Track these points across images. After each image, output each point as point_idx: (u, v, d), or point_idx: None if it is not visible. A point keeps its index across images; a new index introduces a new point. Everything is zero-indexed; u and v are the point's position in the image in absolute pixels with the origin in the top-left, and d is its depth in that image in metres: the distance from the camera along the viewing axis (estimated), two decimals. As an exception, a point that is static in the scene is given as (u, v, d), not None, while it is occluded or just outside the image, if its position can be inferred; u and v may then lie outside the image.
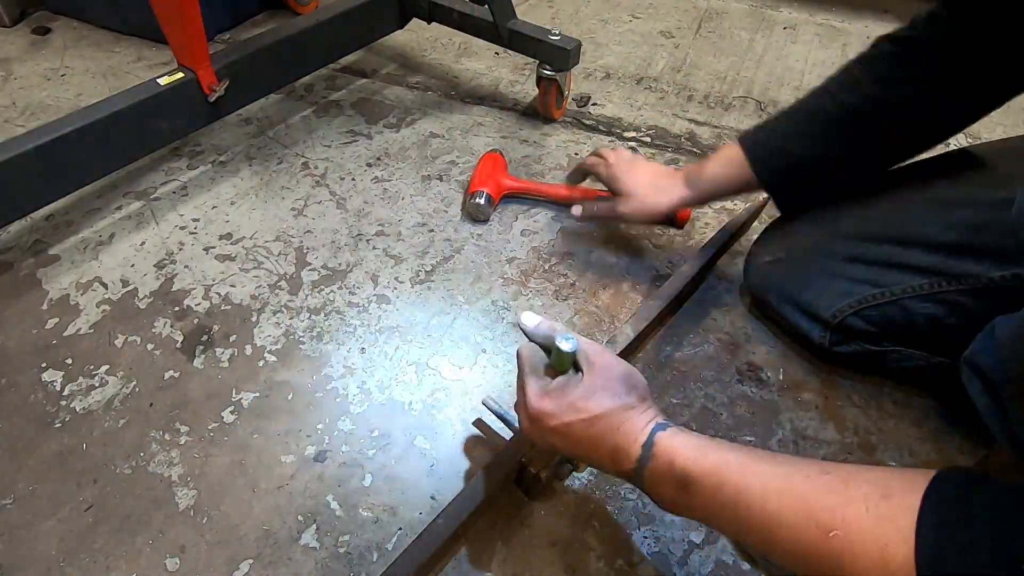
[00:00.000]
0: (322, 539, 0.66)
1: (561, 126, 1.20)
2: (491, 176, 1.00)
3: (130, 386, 0.78)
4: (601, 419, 0.51)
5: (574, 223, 1.00)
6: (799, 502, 0.40)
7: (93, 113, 0.88)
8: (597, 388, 0.52)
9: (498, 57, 1.39)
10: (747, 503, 0.43)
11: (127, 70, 1.33)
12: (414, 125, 1.20)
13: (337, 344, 0.83)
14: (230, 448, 0.73)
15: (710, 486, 0.45)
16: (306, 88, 1.29)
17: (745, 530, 0.43)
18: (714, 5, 1.60)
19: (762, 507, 0.42)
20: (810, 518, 0.39)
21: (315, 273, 0.92)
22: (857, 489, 0.39)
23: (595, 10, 1.57)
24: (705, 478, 0.45)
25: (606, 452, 0.51)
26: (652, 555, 0.65)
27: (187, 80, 0.95)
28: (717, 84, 1.32)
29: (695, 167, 0.82)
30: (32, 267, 0.93)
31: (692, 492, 0.46)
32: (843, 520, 0.38)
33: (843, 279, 0.73)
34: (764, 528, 0.42)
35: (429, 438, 0.74)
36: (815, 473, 0.41)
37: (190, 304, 0.88)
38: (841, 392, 0.79)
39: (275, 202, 1.03)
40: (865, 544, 0.36)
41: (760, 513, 0.42)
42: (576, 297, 0.90)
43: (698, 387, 0.79)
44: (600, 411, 0.51)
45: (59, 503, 0.68)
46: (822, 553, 0.38)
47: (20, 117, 1.20)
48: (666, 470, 0.48)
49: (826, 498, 0.39)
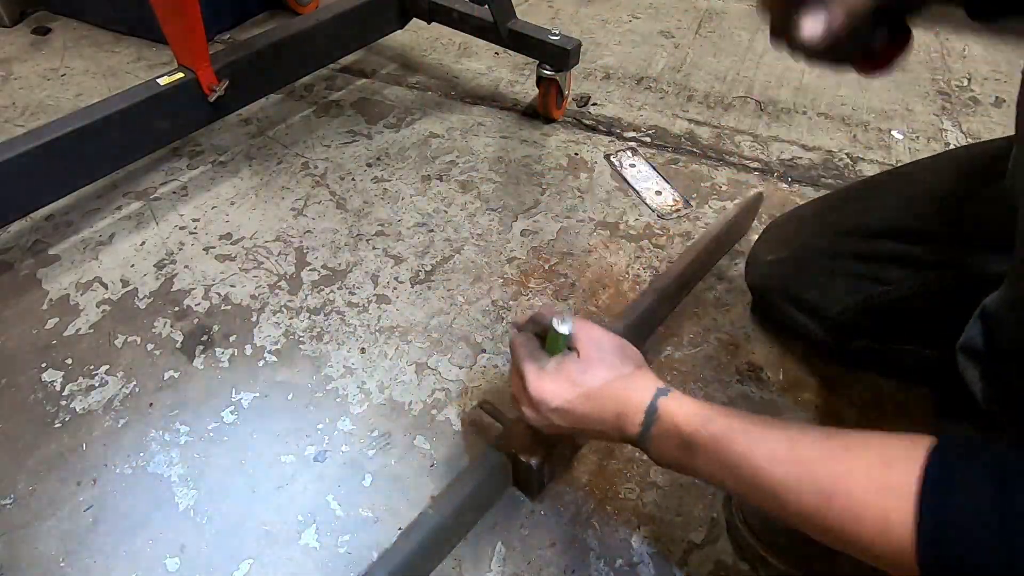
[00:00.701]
0: (322, 539, 0.66)
1: (561, 126, 1.20)
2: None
3: (130, 386, 0.78)
4: (601, 390, 0.53)
5: (573, 223, 1.00)
6: (802, 467, 0.41)
7: (93, 113, 0.88)
8: (593, 361, 0.54)
9: (498, 57, 1.39)
10: (751, 466, 0.43)
11: (127, 70, 1.33)
12: (414, 125, 1.20)
13: (337, 344, 0.83)
14: (230, 448, 0.73)
15: (715, 450, 0.46)
16: (306, 88, 1.29)
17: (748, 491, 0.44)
18: (714, 5, 1.60)
19: (768, 471, 0.42)
20: (813, 484, 0.40)
21: (315, 273, 0.92)
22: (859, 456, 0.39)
23: (595, 10, 1.57)
24: (711, 442, 0.46)
25: (610, 421, 0.53)
26: (652, 555, 0.65)
27: (187, 80, 0.95)
28: (717, 84, 1.32)
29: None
30: (32, 267, 0.93)
31: (696, 454, 0.47)
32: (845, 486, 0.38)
33: (848, 277, 0.73)
34: (768, 491, 0.42)
35: (429, 438, 0.74)
36: (818, 439, 0.42)
37: (190, 304, 0.88)
38: (841, 392, 0.79)
39: (275, 202, 1.03)
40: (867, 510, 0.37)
41: (765, 477, 0.42)
42: (576, 297, 0.90)
43: (698, 387, 0.79)
44: (599, 383, 0.53)
45: (59, 503, 0.68)
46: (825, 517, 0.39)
47: (20, 117, 1.20)
48: (670, 434, 0.49)
49: (828, 464, 0.40)
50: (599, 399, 0.53)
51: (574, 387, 0.54)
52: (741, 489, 0.45)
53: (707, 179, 1.09)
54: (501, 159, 1.12)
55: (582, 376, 0.54)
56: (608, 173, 1.10)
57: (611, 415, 0.53)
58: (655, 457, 0.52)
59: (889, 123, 1.23)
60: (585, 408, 0.53)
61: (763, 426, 0.46)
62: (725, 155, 1.14)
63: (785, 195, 1.06)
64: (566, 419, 0.55)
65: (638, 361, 0.56)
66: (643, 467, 0.71)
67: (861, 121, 1.23)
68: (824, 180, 1.10)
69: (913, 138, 1.19)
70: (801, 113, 1.25)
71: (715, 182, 1.08)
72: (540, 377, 0.55)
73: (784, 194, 1.06)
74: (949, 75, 1.37)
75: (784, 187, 1.08)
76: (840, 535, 0.39)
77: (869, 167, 1.13)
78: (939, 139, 1.19)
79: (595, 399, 0.53)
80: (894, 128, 1.22)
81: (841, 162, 1.13)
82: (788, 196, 1.06)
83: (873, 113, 1.25)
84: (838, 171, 1.12)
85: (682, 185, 1.08)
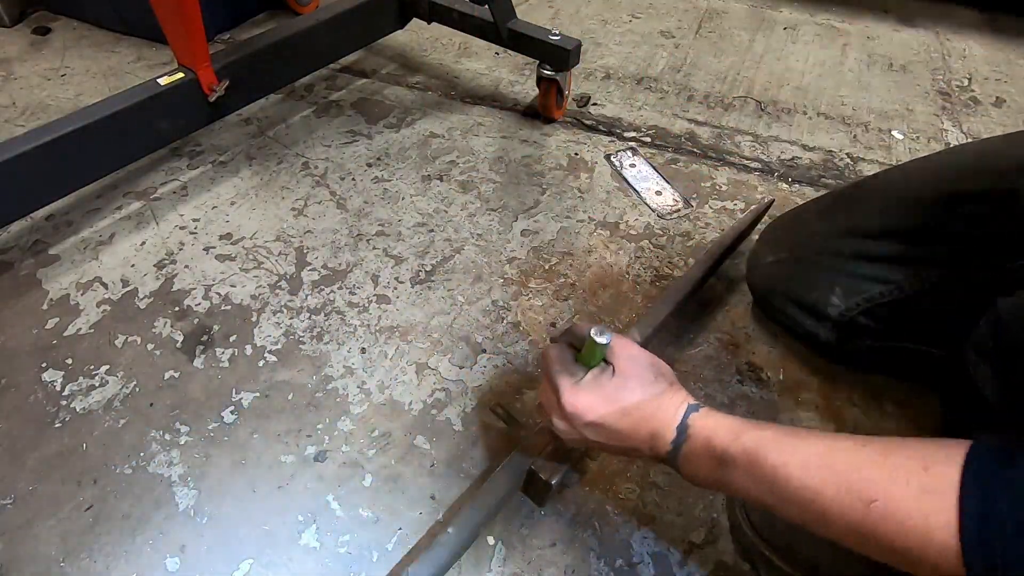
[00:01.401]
0: (322, 539, 0.66)
1: (561, 126, 1.20)
2: None
3: (130, 386, 0.78)
4: (637, 408, 0.53)
5: (573, 223, 1.00)
6: (839, 476, 0.41)
7: (93, 113, 0.88)
8: (630, 378, 0.54)
9: (498, 57, 1.39)
10: (786, 478, 0.43)
11: (127, 70, 1.33)
12: (414, 125, 1.20)
13: (337, 344, 0.83)
14: (230, 448, 0.73)
15: (748, 463, 0.46)
16: (306, 88, 1.29)
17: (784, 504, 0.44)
18: (714, 5, 1.60)
19: (802, 482, 0.42)
20: (851, 491, 0.39)
21: (315, 273, 0.92)
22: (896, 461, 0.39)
23: (595, 10, 1.57)
24: (743, 455, 0.46)
25: (643, 439, 0.53)
26: (652, 555, 0.65)
27: (187, 80, 0.95)
28: (717, 84, 1.32)
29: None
30: (32, 267, 0.93)
31: (730, 469, 0.47)
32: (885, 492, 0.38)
33: (850, 277, 0.72)
34: (805, 502, 0.42)
35: (429, 438, 0.74)
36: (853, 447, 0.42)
37: (190, 304, 0.88)
38: (841, 392, 0.79)
39: (275, 202, 1.03)
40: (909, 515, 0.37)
41: (800, 488, 0.42)
42: (576, 297, 0.90)
43: (698, 387, 0.79)
44: (635, 400, 0.53)
45: (59, 503, 0.68)
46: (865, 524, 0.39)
47: (20, 117, 1.20)
48: (702, 450, 0.49)
49: (866, 470, 0.40)
50: (634, 417, 0.53)
51: (610, 403, 0.53)
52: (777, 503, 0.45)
53: (707, 179, 1.09)
54: (501, 159, 1.12)
55: (619, 392, 0.53)
56: (608, 173, 1.10)
57: (645, 433, 0.52)
58: (688, 475, 0.51)
59: (889, 123, 1.23)
60: (621, 425, 0.53)
61: (795, 436, 0.45)
62: (725, 155, 1.14)
63: (785, 195, 1.06)
64: (600, 435, 0.54)
65: (670, 378, 0.56)
66: (643, 467, 0.71)
67: (861, 121, 1.23)
68: (824, 180, 1.10)
69: (913, 138, 1.19)
70: (801, 113, 1.25)
71: (715, 182, 1.08)
72: (575, 390, 0.55)
73: (784, 194, 1.06)
74: (949, 75, 1.37)
75: (784, 187, 1.08)
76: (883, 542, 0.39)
77: (869, 167, 1.13)
78: (939, 139, 1.19)
79: (631, 416, 0.53)
80: (894, 128, 1.22)
81: (841, 162, 1.14)
82: (788, 196, 1.06)
83: (873, 113, 1.25)
84: (838, 171, 1.12)
85: (682, 185, 1.08)
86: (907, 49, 1.45)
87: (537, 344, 0.84)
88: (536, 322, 0.86)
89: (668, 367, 0.57)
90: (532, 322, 0.86)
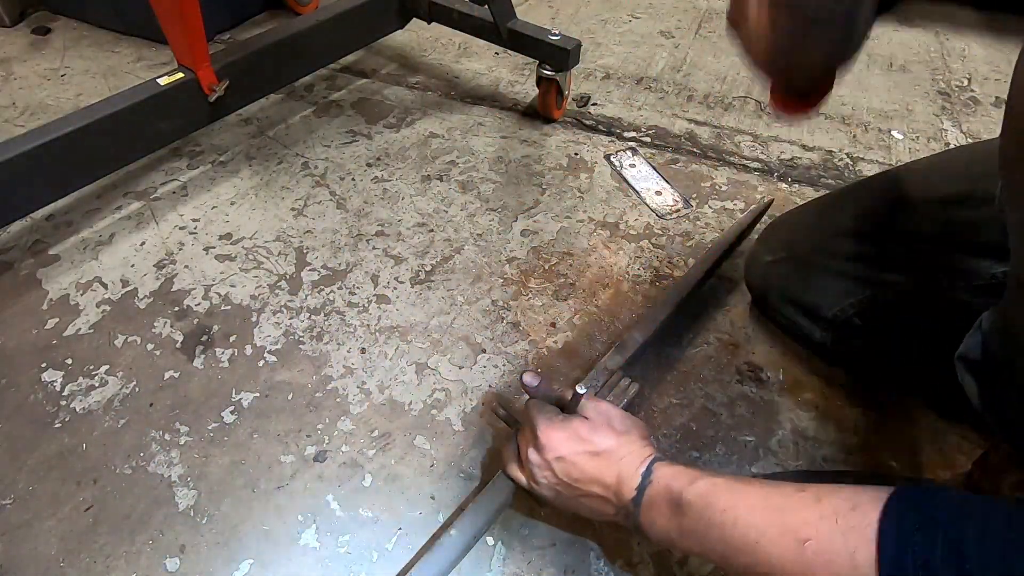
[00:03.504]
0: (322, 539, 0.66)
1: (561, 126, 1.20)
2: None
3: (130, 386, 0.78)
4: (607, 452, 0.55)
5: (573, 223, 1.00)
6: (778, 515, 0.44)
7: (93, 113, 0.88)
8: (600, 425, 0.58)
9: (498, 57, 1.39)
10: (734, 519, 0.46)
11: (127, 70, 1.33)
12: (414, 125, 1.20)
13: (337, 344, 0.83)
14: (230, 448, 0.73)
15: (701, 506, 0.48)
16: (306, 88, 1.29)
17: (732, 549, 0.46)
18: (714, 5, 1.60)
19: (748, 522, 0.45)
20: (788, 531, 0.43)
21: (315, 273, 0.92)
22: (829, 503, 0.42)
23: (595, 10, 1.57)
24: (698, 499, 0.49)
25: (609, 482, 0.55)
26: (652, 555, 0.65)
27: (187, 80, 0.95)
28: (717, 84, 1.32)
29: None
30: (32, 267, 0.93)
31: (684, 513, 0.49)
32: (817, 531, 0.41)
33: (845, 278, 0.73)
34: (748, 543, 0.45)
35: (429, 438, 0.74)
36: (793, 491, 0.45)
37: (190, 304, 0.88)
38: (841, 392, 0.79)
39: (275, 202, 1.03)
40: (836, 551, 0.39)
41: (747, 528, 0.45)
42: (576, 297, 0.90)
43: (698, 387, 0.79)
44: (606, 445, 0.56)
45: (59, 503, 0.68)
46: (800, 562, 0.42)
47: (20, 117, 1.20)
48: (663, 494, 0.51)
49: (802, 512, 0.43)
50: (603, 459, 0.55)
51: (583, 443, 0.56)
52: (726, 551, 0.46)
53: (707, 179, 1.09)
54: (501, 159, 1.12)
55: (592, 435, 0.56)
56: (608, 173, 1.10)
57: (612, 477, 0.54)
58: (647, 524, 0.52)
59: (889, 123, 1.23)
60: (589, 465, 0.55)
61: (744, 483, 0.48)
62: (725, 155, 1.14)
63: (785, 195, 1.06)
64: (569, 473, 0.56)
65: (642, 431, 0.59)
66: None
67: (861, 121, 1.23)
68: (824, 180, 1.10)
69: (913, 138, 1.19)
70: (801, 113, 1.25)
71: (715, 182, 1.08)
72: (551, 426, 0.58)
73: (784, 194, 1.07)
74: (949, 75, 1.37)
75: (784, 187, 1.08)
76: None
77: (869, 167, 1.13)
78: (939, 139, 1.19)
79: (600, 458, 0.55)
80: (894, 128, 1.22)
81: (841, 162, 1.14)
82: (788, 196, 1.06)
83: (873, 113, 1.25)
84: (838, 171, 1.12)
85: (682, 185, 1.08)
86: (907, 49, 1.45)
87: (537, 344, 0.84)
88: (536, 322, 0.86)
89: (641, 423, 0.60)
90: (532, 322, 0.86)
